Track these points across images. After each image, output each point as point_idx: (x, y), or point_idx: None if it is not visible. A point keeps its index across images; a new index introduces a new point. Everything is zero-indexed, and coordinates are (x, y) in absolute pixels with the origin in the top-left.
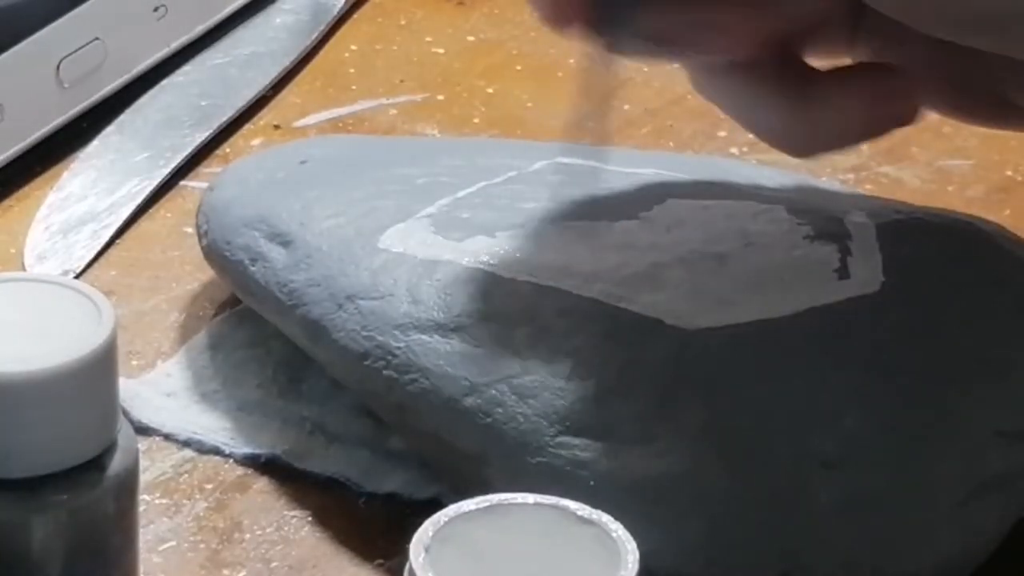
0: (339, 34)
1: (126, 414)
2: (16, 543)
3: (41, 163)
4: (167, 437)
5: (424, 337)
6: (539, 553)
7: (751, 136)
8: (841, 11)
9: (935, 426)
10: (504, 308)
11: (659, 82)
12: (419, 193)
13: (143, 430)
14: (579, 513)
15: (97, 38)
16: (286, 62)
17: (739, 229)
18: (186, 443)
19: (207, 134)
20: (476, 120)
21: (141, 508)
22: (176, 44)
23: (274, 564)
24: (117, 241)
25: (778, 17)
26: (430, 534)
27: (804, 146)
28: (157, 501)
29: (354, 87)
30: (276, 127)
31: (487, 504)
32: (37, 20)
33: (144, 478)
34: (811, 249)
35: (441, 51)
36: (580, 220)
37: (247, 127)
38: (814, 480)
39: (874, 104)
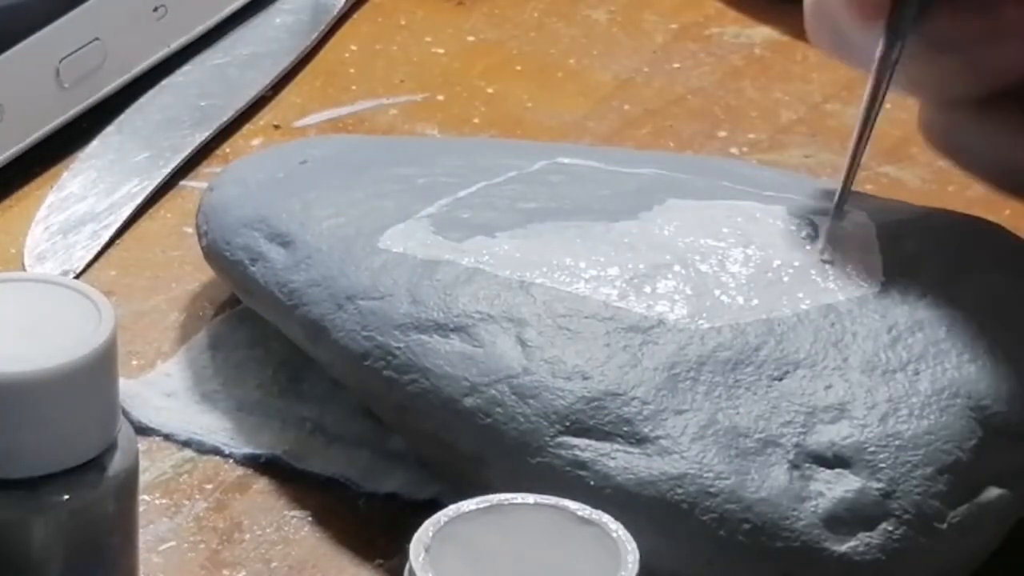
0: (339, 34)
1: (126, 414)
2: (16, 543)
3: (41, 163)
4: (167, 437)
5: (424, 337)
6: (539, 553)
7: (751, 136)
8: None
9: (935, 426)
10: (504, 308)
11: (659, 82)
12: (419, 193)
13: (143, 430)
14: (579, 513)
15: (97, 38)
16: (286, 62)
17: (739, 229)
18: (186, 443)
19: (207, 134)
20: (476, 120)
21: (141, 508)
22: (176, 44)
23: (274, 564)
24: (117, 241)
25: None
26: (430, 534)
27: None
28: (157, 501)
29: (354, 87)
30: (276, 127)
31: (487, 504)
32: (37, 20)
33: (144, 478)
34: (811, 249)
35: (441, 51)
36: (580, 220)
37: (247, 127)
38: (814, 480)
39: None
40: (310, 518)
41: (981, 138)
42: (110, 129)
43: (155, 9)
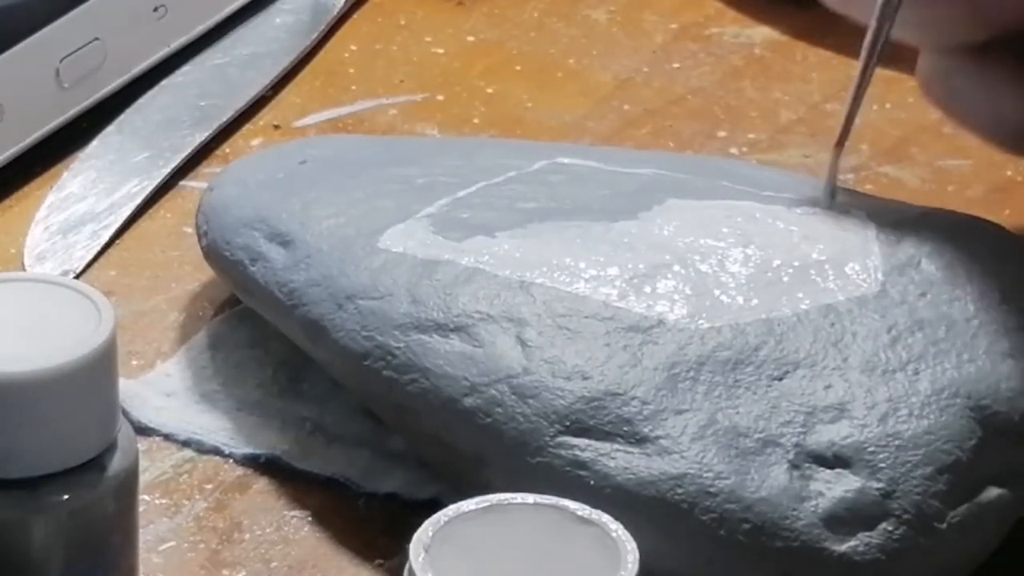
0: (339, 34)
1: (126, 414)
2: (16, 543)
3: (41, 163)
4: (167, 437)
5: (424, 337)
6: (539, 553)
7: (751, 136)
8: None
9: (934, 426)
10: (504, 308)
11: (659, 82)
12: (419, 193)
13: (143, 430)
14: (579, 513)
15: (97, 38)
16: (286, 62)
17: (739, 229)
18: (186, 443)
19: (207, 134)
20: (476, 120)
21: (141, 508)
22: (176, 44)
23: (274, 564)
24: (117, 241)
25: None
26: (430, 534)
27: None
28: (157, 501)
29: (354, 87)
30: (276, 127)
31: (487, 504)
32: (37, 20)
33: (144, 478)
34: (811, 249)
35: (441, 51)
36: (580, 220)
37: (247, 127)
38: (814, 480)
39: None
40: (310, 518)
41: (976, 87)
42: (110, 129)
43: (155, 9)
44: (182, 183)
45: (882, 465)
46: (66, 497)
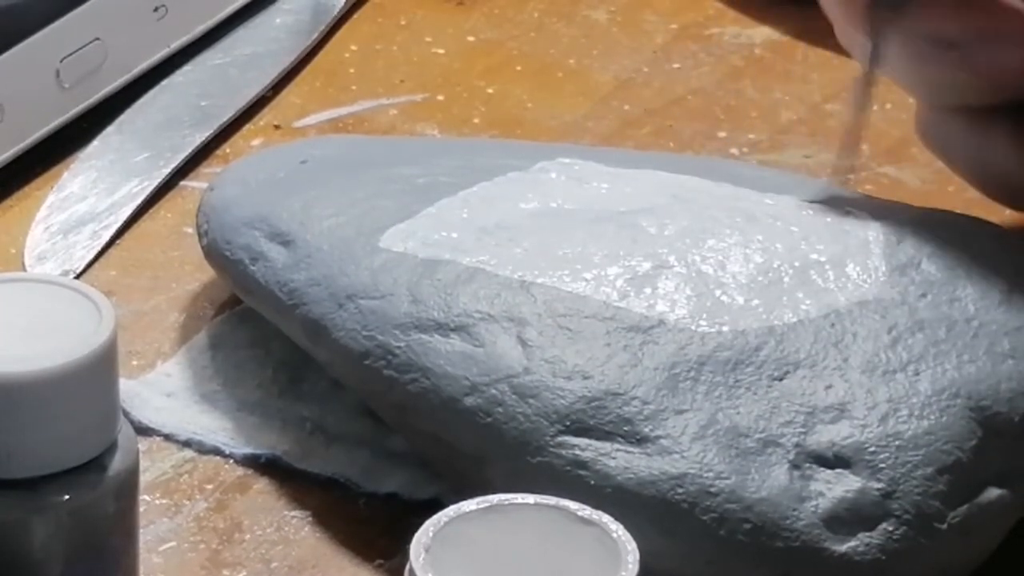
0: (339, 34)
1: (126, 414)
2: (17, 543)
3: (41, 163)
4: (167, 437)
5: (424, 337)
6: (539, 553)
7: (751, 136)
8: None
9: (935, 426)
10: (504, 308)
11: (659, 82)
12: (419, 193)
13: (143, 430)
14: (579, 513)
15: (97, 38)
16: (286, 62)
17: (740, 229)
18: (186, 443)
19: (207, 134)
20: (476, 120)
21: (141, 508)
22: (176, 44)
23: (274, 564)
24: (117, 241)
25: None
26: (430, 534)
27: None
28: (157, 501)
29: (354, 87)
30: (276, 127)
31: (487, 504)
32: (37, 20)
33: (144, 478)
34: (811, 249)
35: (441, 51)
36: (581, 220)
37: (247, 127)
38: (814, 480)
39: None
40: (310, 518)
41: (974, 146)
42: (110, 129)
43: (155, 9)
44: (182, 183)
45: (882, 465)
46: (67, 497)
